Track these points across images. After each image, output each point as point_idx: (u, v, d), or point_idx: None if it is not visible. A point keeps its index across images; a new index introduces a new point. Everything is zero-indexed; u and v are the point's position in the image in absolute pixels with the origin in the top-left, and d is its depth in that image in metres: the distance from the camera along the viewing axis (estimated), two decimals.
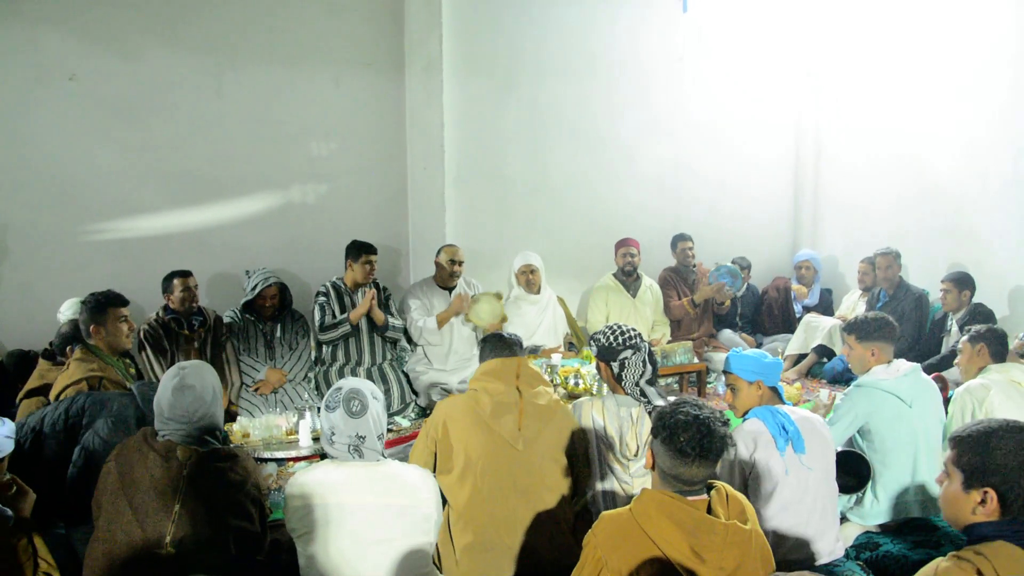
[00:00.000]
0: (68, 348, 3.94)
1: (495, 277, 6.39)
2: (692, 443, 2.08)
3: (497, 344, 3.17)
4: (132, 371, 3.88)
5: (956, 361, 4.02)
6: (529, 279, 5.97)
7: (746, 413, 3.07)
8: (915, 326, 5.85)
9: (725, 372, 3.19)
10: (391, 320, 5.34)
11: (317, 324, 5.18)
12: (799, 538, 2.96)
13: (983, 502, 1.85)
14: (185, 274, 4.88)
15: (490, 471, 2.89)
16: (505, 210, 6.61)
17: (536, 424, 2.96)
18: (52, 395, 3.48)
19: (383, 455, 2.57)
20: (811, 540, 2.98)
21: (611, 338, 3.22)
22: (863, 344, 3.55)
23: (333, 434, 2.51)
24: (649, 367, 3.19)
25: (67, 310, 4.65)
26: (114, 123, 5.28)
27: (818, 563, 2.99)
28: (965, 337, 3.93)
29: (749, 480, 2.99)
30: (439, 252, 5.66)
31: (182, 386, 2.52)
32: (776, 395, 3.13)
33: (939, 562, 1.83)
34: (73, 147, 5.18)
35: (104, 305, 3.68)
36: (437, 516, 2.56)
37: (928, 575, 1.81)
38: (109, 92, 5.24)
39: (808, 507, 2.96)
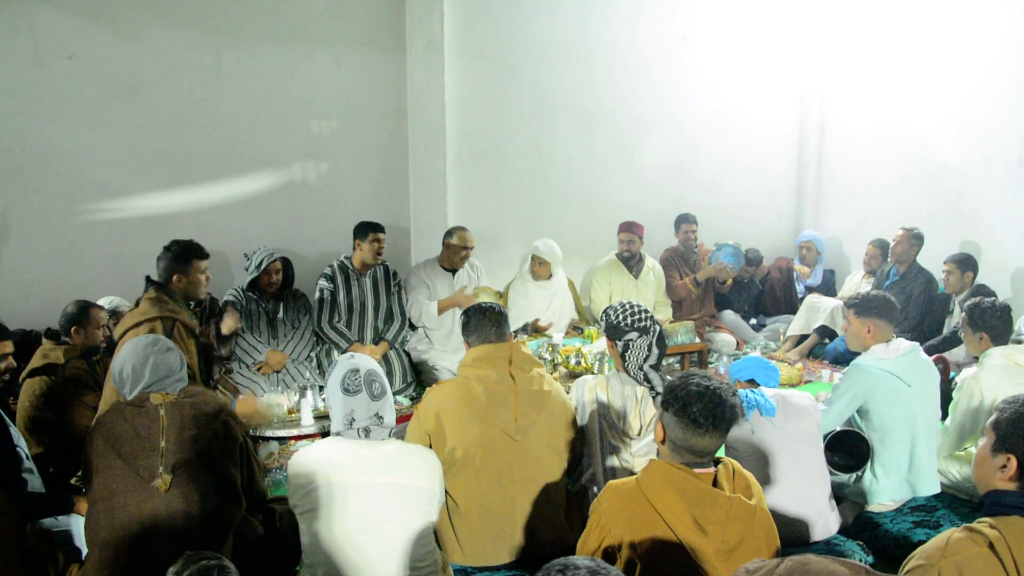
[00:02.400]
0: (72, 328, 3.94)
1: (496, 258, 6.38)
2: (705, 413, 2.09)
3: (482, 321, 3.07)
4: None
5: (961, 333, 3.98)
6: (536, 271, 5.96)
7: None
8: (922, 308, 5.83)
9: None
10: (401, 334, 5.42)
11: (316, 313, 5.17)
12: (792, 516, 2.99)
13: (1004, 467, 1.87)
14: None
15: (488, 463, 2.88)
16: (507, 190, 6.59)
17: (532, 411, 2.93)
18: (118, 332, 3.58)
19: (391, 433, 2.57)
20: (803, 517, 3.01)
21: (619, 317, 3.17)
22: (860, 319, 3.55)
23: (353, 419, 2.47)
24: (656, 351, 3.15)
25: (105, 304, 4.67)
26: (114, 103, 5.25)
27: (814, 541, 3.02)
28: (965, 318, 3.79)
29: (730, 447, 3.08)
30: (451, 234, 5.61)
31: (167, 348, 2.71)
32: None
33: (952, 532, 1.83)
34: (73, 127, 5.16)
35: (189, 256, 3.80)
36: (440, 495, 2.55)
37: (940, 545, 1.80)
38: (108, 72, 5.22)
39: (801, 484, 2.99)
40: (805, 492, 3.02)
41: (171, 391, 2.64)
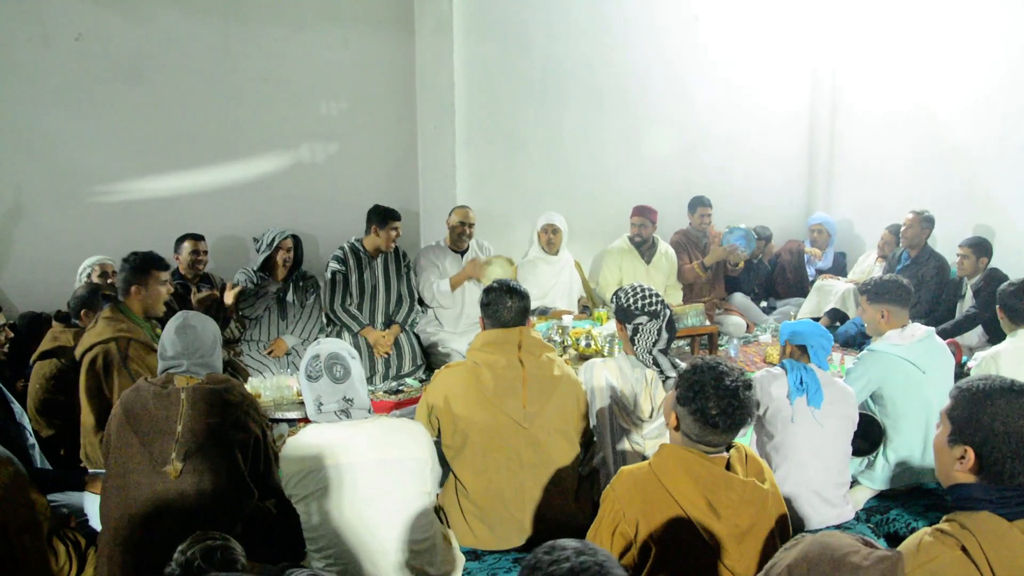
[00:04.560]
0: (83, 311, 3.95)
1: (506, 239, 6.35)
2: (723, 417, 2.06)
3: (504, 301, 2.98)
4: (158, 331, 3.88)
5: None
6: (550, 238, 5.92)
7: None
8: (934, 292, 5.77)
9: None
10: (411, 316, 5.42)
11: (328, 296, 5.16)
12: (805, 496, 2.98)
13: (962, 459, 1.77)
14: (196, 237, 4.89)
15: (496, 449, 2.88)
16: (516, 171, 6.55)
17: (540, 397, 2.92)
18: (78, 352, 3.50)
19: (370, 411, 2.59)
20: (818, 500, 3.00)
21: (630, 300, 3.15)
22: (873, 305, 3.53)
23: (321, 403, 2.51)
24: (665, 335, 3.14)
25: (87, 266, 4.70)
26: (121, 84, 5.23)
27: (826, 525, 3.01)
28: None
29: (763, 422, 3.06)
30: (450, 213, 5.64)
31: (184, 325, 2.71)
32: (805, 354, 3.20)
33: (923, 535, 1.75)
34: (80, 108, 5.14)
35: (148, 266, 3.65)
36: (433, 464, 2.57)
37: (911, 549, 1.72)
38: (116, 53, 5.19)
39: (821, 467, 2.99)
40: (825, 484, 3.02)
41: (197, 374, 2.66)
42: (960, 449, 1.78)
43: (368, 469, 2.43)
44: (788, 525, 2.21)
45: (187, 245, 4.87)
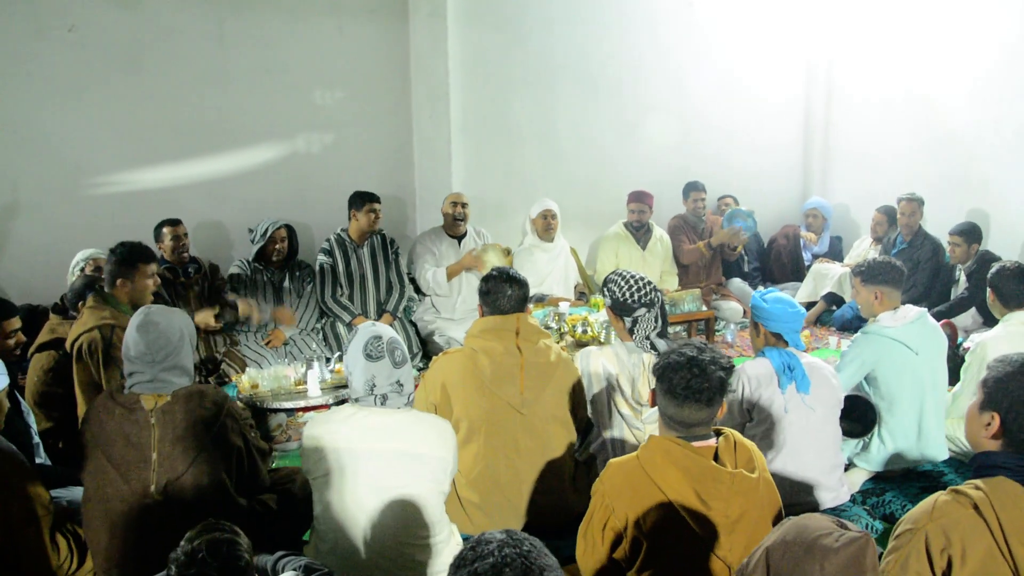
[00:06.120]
0: (80, 304, 3.95)
1: (502, 226, 6.35)
2: (682, 384, 2.08)
3: (502, 289, 2.99)
4: None
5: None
6: (548, 224, 5.91)
7: (759, 352, 3.15)
8: (930, 275, 5.79)
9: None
10: (402, 304, 5.43)
11: (319, 287, 5.21)
12: (802, 482, 2.99)
13: (989, 424, 1.89)
14: (174, 222, 4.90)
15: (493, 435, 2.89)
16: (512, 159, 6.54)
17: (538, 384, 2.92)
18: (68, 344, 3.51)
19: (410, 398, 2.56)
20: (814, 485, 3.01)
21: (626, 293, 3.15)
22: (867, 287, 3.53)
23: (374, 385, 2.46)
24: (661, 320, 3.16)
25: (81, 257, 4.70)
26: (116, 74, 5.21)
27: (823, 508, 3.03)
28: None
29: (753, 415, 3.04)
30: (444, 200, 5.66)
31: (146, 323, 2.48)
32: (782, 340, 3.13)
33: (939, 495, 1.85)
34: (75, 99, 5.12)
35: (134, 259, 3.63)
36: (453, 464, 2.54)
37: (927, 508, 1.84)
38: (110, 43, 5.16)
39: (815, 453, 2.99)
40: (821, 468, 3.03)
41: (165, 387, 2.48)
42: (988, 415, 1.90)
43: (385, 459, 2.40)
44: (781, 512, 2.20)
45: (167, 231, 4.87)
